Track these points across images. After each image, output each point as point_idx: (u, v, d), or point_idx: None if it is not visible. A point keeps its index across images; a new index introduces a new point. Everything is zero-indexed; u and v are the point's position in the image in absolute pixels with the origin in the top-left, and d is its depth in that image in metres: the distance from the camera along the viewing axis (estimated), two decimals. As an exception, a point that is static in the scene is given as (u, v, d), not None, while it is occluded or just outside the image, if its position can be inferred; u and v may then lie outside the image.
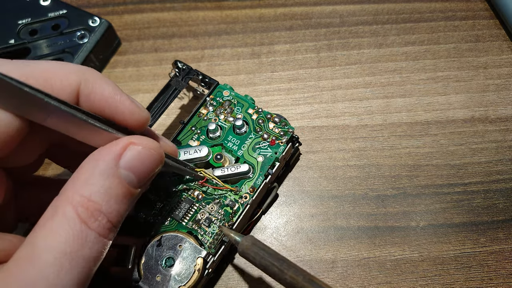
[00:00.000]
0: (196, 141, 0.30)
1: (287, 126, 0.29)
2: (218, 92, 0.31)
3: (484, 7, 0.39)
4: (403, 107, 0.35)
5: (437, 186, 0.32)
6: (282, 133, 0.29)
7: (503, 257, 0.29)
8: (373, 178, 0.32)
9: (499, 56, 0.37)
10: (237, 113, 0.30)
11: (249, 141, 0.29)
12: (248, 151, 0.29)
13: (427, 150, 0.33)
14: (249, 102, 0.31)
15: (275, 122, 0.30)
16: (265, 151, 0.29)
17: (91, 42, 0.36)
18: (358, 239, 0.30)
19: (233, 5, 0.41)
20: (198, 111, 0.31)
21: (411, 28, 0.39)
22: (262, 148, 0.29)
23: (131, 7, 0.41)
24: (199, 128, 0.30)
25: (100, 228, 0.18)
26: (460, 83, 0.36)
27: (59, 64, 0.20)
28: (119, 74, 0.38)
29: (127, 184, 0.19)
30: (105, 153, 0.19)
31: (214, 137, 0.29)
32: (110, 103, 0.20)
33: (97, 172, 0.19)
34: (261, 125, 0.30)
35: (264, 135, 0.29)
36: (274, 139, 0.29)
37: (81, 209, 0.18)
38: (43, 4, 0.37)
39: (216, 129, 0.29)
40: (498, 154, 0.33)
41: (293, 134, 0.30)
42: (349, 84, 0.36)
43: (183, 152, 0.28)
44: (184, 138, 0.30)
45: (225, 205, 0.27)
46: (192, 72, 0.32)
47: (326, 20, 0.39)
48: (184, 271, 0.25)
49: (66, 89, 0.19)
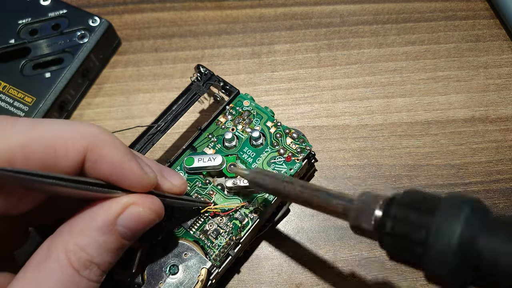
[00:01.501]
0: (212, 149, 0.29)
1: (305, 143, 0.29)
2: (238, 101, 0.31)
3: (485, 7, 0.39)
4: (403, 107, 0.35)
5: (438, 186, 0.32)
6: (299, 149, 0.29)
7: (504, 257, 0.29)
8: (373, 178, 0.32)
9: (500, 56, 0.37)
10: (255, 125, 0.30)
11: (265, 154, 0.29)
12: (262, 164, 0.28)
13: (427, 150, 0.33)
14: (269, 115, 0.30)
15: (293, 138, 0.29)
16: (280, 167, 0.28)
17: (91, 42, 0.36)
18: (359, 238, 0.30)
19: (233, 5, 0.41)
20: (217, 119, 0.30)
21: (412, 27, 0.38)
22: (277, 164, 0.28)
23: (131, 7, 0.41)
24: (215, 136, 0.29)
25: (91, 276, 0.19)
26: (461, 82, 0.36)
27: (69, 127, 0.19)
28: (119, 74, 0.38)
29: (122, 239, 0.20)
30: (105, 211, 0.19)
31: (230, 146, 0.29)
32: (117, 171, 0.19)
33: (94, 227, 0.19)
34: (279, 140, 0.29)
35: (280, 150, 0.29)
36: (291, 155, 0.28)
37: (74, 257, 0.18)
38: (43, 4, 0.37)
39: (233, 139, 0.29)
40: (499, 154, 0.33)
41: (311, 151, 0.29)
42: (349, 84, 0.36)
43: (197, 159, 0.28)
44: (200, 145, 0.29)
45: (234, 218, 0.27)
46: (214, 78, 0.32)
47: (326, 19, 0.39)
48: (187, 280, 0.25)
49: (71, 156, 0.19)
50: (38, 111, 0.33)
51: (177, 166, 0.29)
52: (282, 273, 0.30)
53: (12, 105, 0.33)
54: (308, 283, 0.29)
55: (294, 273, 0.30)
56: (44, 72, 0.34)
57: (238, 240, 0.26)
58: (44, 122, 0.19)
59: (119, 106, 0.37)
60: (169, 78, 0.38)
